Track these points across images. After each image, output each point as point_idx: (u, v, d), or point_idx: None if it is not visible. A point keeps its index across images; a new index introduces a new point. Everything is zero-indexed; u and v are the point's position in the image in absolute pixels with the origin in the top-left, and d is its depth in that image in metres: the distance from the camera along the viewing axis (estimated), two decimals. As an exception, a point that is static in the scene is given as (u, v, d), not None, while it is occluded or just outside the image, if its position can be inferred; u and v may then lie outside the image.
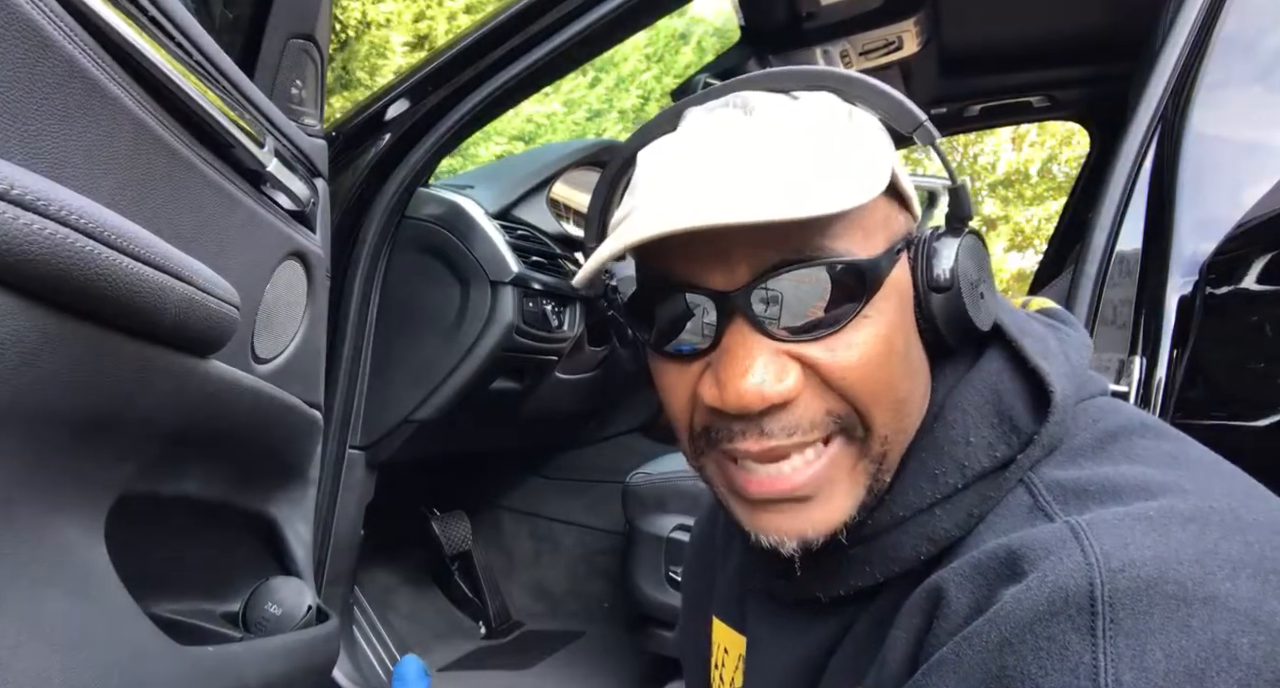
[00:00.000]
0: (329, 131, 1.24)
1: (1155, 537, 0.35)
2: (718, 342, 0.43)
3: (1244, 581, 0.33)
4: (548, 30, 1.17)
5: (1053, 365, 0.45)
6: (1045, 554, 0.36)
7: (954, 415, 0.46)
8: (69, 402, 0.47)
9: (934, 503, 0.44)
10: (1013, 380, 0.46)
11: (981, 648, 0.35)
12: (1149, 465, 0.41)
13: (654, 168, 0.46)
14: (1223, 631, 0.32)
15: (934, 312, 0.46)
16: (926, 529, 0.44)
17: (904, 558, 0.45)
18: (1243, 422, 0.82)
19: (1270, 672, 0.31)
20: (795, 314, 0.42)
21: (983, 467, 0.44)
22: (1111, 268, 0.96)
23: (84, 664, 0.51)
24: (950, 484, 0.44)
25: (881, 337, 0.43)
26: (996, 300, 0.49)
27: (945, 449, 0.45)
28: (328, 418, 1.26)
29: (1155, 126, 0.95)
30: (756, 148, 0.43)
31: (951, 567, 0.40)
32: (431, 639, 1.74)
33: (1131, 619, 0.32)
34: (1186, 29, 0.94)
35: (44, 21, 0.43)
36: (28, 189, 0.38)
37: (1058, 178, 8.90)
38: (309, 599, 0.87)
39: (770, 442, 0.43)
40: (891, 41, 1.70)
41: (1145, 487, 0.39)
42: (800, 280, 0.42)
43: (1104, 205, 0.96)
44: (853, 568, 0.47)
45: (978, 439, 0.44)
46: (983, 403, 0.45)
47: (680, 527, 1.49)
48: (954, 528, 0.43)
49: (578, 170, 1.73)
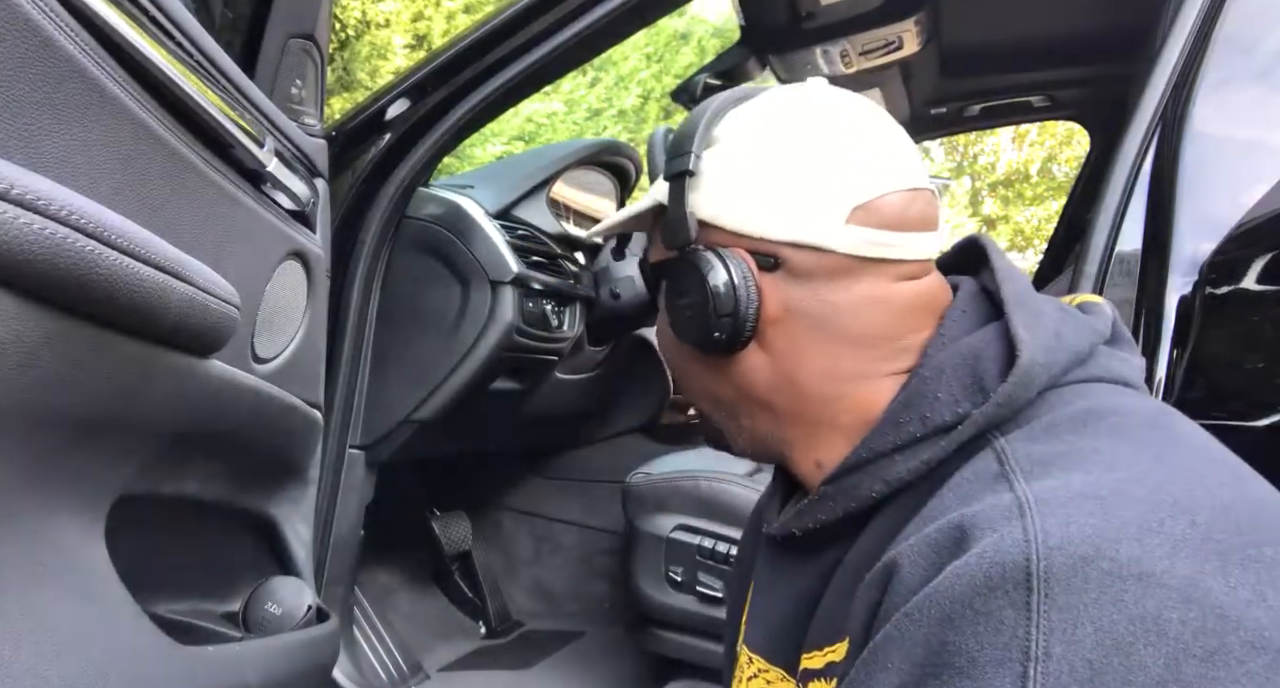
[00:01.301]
0: (329, 131, 1.24)
1: (1100, 515, 0.35)
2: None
3: (1182, 559, 0.34)
4: (548, 30, 1.17)
5: (1034, 336, 0.46)
6: (989, 530, 0.37)
7: (932, 373, 0.48)
8: (69, 402, 0.47)
9: (894, 449, 0.47)
10: (994, 347, 0.48)
11: (924, 622, 0.36)
12: (1124, 443, 0.41)
13: (861, 130, 0.52)
14: (1153, 606, 0.32)
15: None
16: (883, 472, 0.47)
17: (860, 496, 0.48)
18: (1243, 422, 0.82)
19: (1199, 648, 0.32)
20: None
21: (943, 420, 0.46)
22: (1111, 268, 0.96)
23: (83, 664, 0.51)
24: (910, 433, 0.47)
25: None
26: (1009, 273, 0.54)
27: (915, 403, 0.48)
28: (328, 418, 1.26)
29: (1155, 126, 0.95)
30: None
31: (908, 542, 0.41)
32: (431, 639, 1.74)
33: (1065, 595, 0.33)
34: (1186, 29, 0.94)
35: (44, 21, 0.43)
36: (28, 189, 0.38)
37: (1058, 178, 8.90)
38: (309, 599, 0.87)
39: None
40: (891, 41, 1.70)
41: (1111, 464, 0.39)
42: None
43: (1104, 205, 0.96)
44: (821, 504, 0.51)
45: (945, 395, 0.47)
46: (960, 363, 0.48)
47: (680, 527, 1.49)
48: (906, 473, 0.46)
49: (578, 170, 1.73)
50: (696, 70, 1.79)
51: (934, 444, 0.46)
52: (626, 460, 1.69)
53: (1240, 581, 0.33)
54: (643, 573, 1.51)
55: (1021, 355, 0.45)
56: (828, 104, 0.53)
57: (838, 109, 0.52)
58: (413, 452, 1.44)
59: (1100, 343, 0.50)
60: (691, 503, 1.49)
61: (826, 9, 1.60)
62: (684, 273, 0.52)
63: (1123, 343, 0.53)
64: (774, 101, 0.54)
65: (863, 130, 0.52)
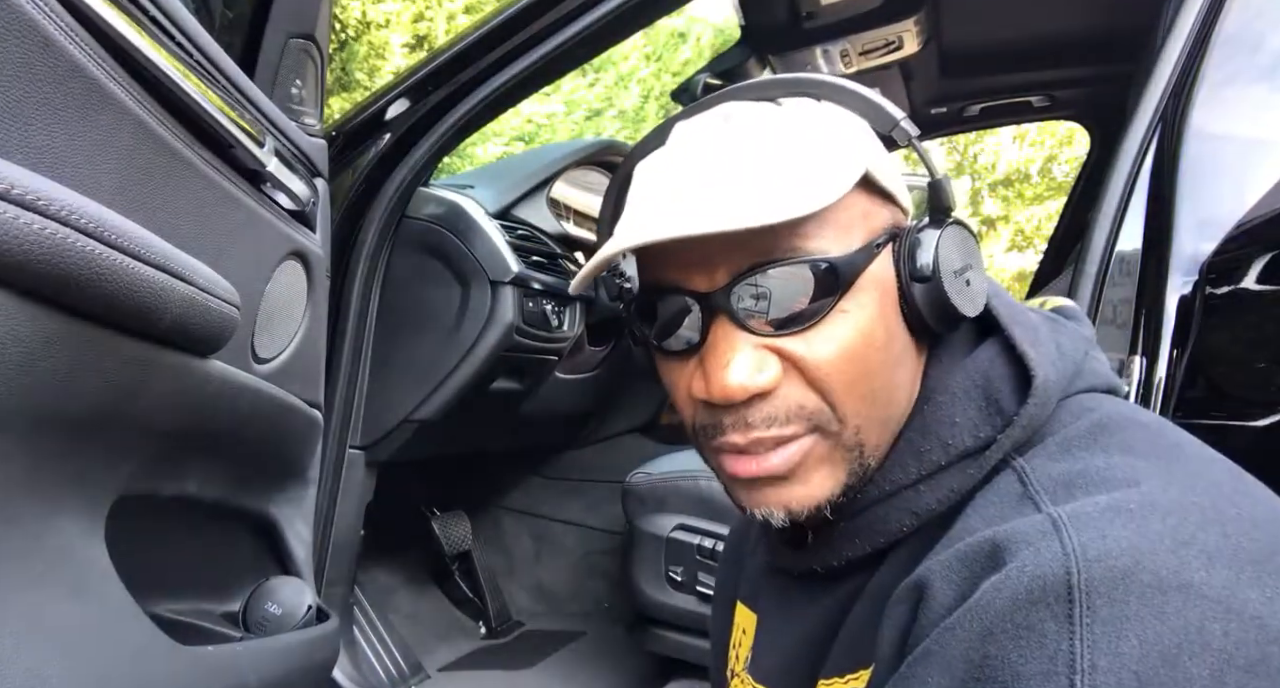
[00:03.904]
0: (329, 131, 1.24)
1: (1133, 528, 0.35)
2: (704, 338, 0.47)
3: (1219, 570, 0.34)
4: (548, 30, 1.17)
5: (1039, 352, 0.47)
6: (1025, 545, 0.37)
7: (943, 398, 0.48)
8: (69, 402, 0.47)
9: (918, 480, 0.47)
10: (1002, 366, 0.48)
11: (964, 637, 0.36)
12: (1139, 458, 0.42)
13: (641, 182, 0.50)
14: (1196, 617, 0.32)
15: (917, 301, 0.48)
16: (910, 504, 0.47)
17: (889, 530, 0.47)
18: (1243, 422, 0.82)
19: (1242, 658, 0.32)
20: (775, 311, 0.45)
21: (966, 446, 0.46)
22: (1111, 268, 0.96)
23: (84, 664, 0.51)
24: (934, 462, 0.46)
25: (859, 330, 0.46)
26: (988, 287, 0.51)
27: (932, 429, 0.47)
28: (328, 418, 1.26)
29: (1155, 126, 0.95)
30: (729, 157, 0.47)
31: (938, 558, 0.41)
32: (431, 639, 1.74)
33: (1108, 607, 0.33)
34: (1186, 29, 0.94)
35: (44, 21, 0.43)
36: (28, 189, 0.38)
37: (1058, 178, 8.89)
38: (309, 599, 0.87)
39: (753, 433, 0.46)
40: (891, 41, 1.70)
41: (1133, 479, 0.40)
42: (776, 279, 0.45)
43: (1104, 205, 0.96)
44: (844, 540, 0.50)
45: (964, 420, 0.47)
46: (971, 387, 0.48)
47: (680, 527, 1.49)
48: (935, 503, 0.46)
49: (578, 170, 1.73)
50: (696, 70, 1.79)
51: (961, 472, 0.45)
52: (626, 460, 1.69)
53: (1276, 590, 0.34)
54: (642, 573, 1.51)
55: (1036, 375, 0.45)
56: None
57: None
58: (413, 452, 1.44)
59: (1090, 349, 0.51)
60: (691, 503, 1.49)
61: (826, 9, 1.60)
62: (962, 240, 0.50)
63: (1095, 343, 0.54)
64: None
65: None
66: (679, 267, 0.47)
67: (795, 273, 0.45)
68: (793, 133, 0.47)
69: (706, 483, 1.48)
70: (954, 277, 0.48)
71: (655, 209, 0.46)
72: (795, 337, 0.45)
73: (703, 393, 0.47)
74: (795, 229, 0.45)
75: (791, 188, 0.43)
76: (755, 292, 0.45)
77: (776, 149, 0.46)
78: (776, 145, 0.47)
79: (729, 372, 0.45)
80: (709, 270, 0.46)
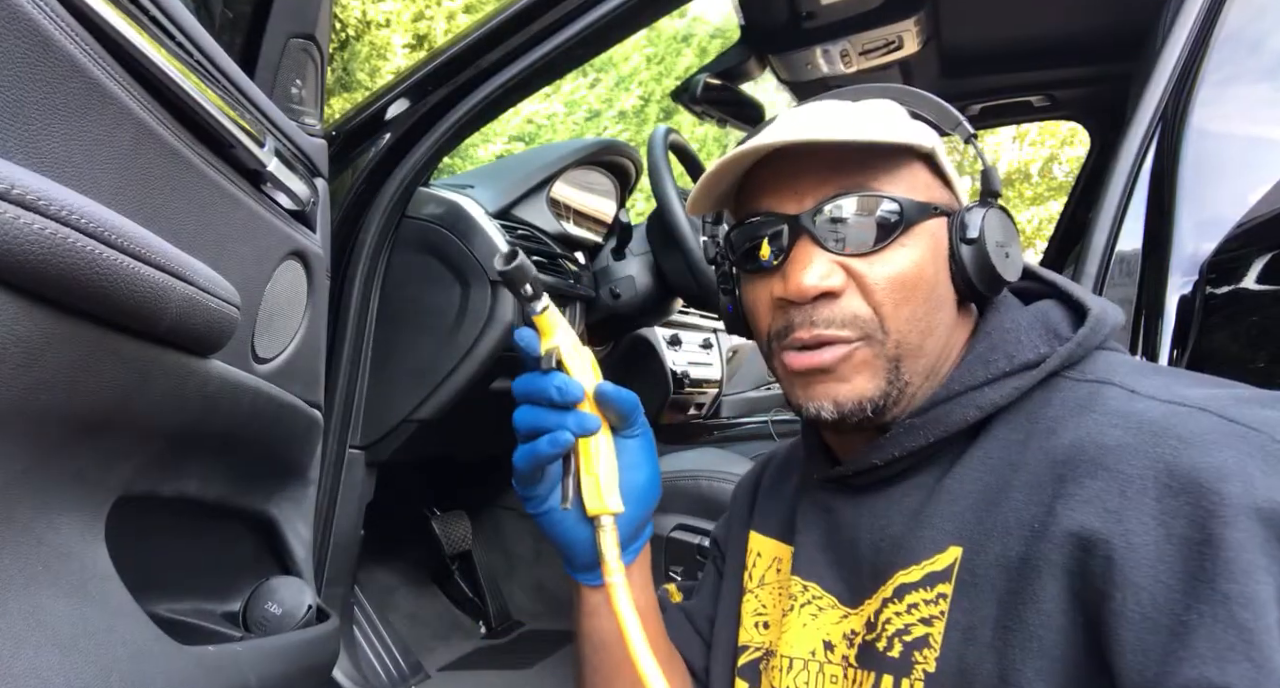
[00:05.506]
0: (329, 131, 1.24)
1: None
2: (789, 253, 0.57)
3: None
4: (548, 30, 1.17)
5: (1090, 299, 0.58)
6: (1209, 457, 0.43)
7: (1010, 326, 0.58)
8: (69, 402, 0.47)
9: (985, 382, 0.56)
10: (1059, 310, 0.59)
11: (1258, 544, 0.40)
12: (1193, 379, 0.51)
13: (747, 136, 0.61)
14: None
15: (964, 260, 0.58)
16: (976, 401, 0.55)
17: (953, 423, 0.56)
18: (1243, 421, 0.82)
19: None
20: (848, 234, 0.56)
21: (1027, 358, 0.55)
22: (1111, 268, 0.96)
23: (84, 664, 0.51)
24: (1000, 368, 0.56)
25: (913, 262, 0.56)
26: (1023, 261, 0.61)
27: (1000, 347, 0.57)
28: (328, 418, 1.26)
29: (1155, 126, 0.95)
30: (833, 111, 0.59)
31: (1074, 516, 0.46)
32: (431, 639, 1.74)
33: None
34: (1187, 28, 0.94)
35: (44, 20, 0.43)
36: (28, 189, 0.38)
37: (1058, 178, 8.89)
38: (309, 599, 0.87)
39: (816, 330, 0.56)
40: (891, 41, 1.70)
41: (1198, 380, 0.51)
42: (852, 208, 0.56)
43: (1104, 205, 0.96)
44: (909, 435, 0.57)
45: (1027, 340, 0.57)
46: (1034, 321, 0.58)
47: (680, 527, 1.49)
48: (1000, 398, 0.55)
49: (578, 170, 1.73)
50: (697, 71, 1.79)
51: (1022, 376, 0.55)
52: (626, 460, 1.69)
53: None
54: (643, 573, 1.50)
55: (1092, 308, 0.56)
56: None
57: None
58: (413, 452, 1.44)
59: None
60: (691, 503, 1.49)
61: (826, 9, 1.60)
62: (1005, 220, 0.61)
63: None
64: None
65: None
66: (774, 194, 0.58)
67: (868, 205, 0.56)
68: (882, 108, 0.60)
69: (707, 483, 1.48)
70: (997, 246, 0.58)
71: (771, 133, 0.56)
72: (861, 258, 0.56)
73: (781, 291, 0.57)
74: (874, 172, 0.56)
75: (883, 130, 0.55)
76: (834, 216, 0.56)
77: (871, 112, 0.58)
78: (871, 111, 0.59)
79: (805, 273, 0.55)
80: (799, 197, 0.57)
